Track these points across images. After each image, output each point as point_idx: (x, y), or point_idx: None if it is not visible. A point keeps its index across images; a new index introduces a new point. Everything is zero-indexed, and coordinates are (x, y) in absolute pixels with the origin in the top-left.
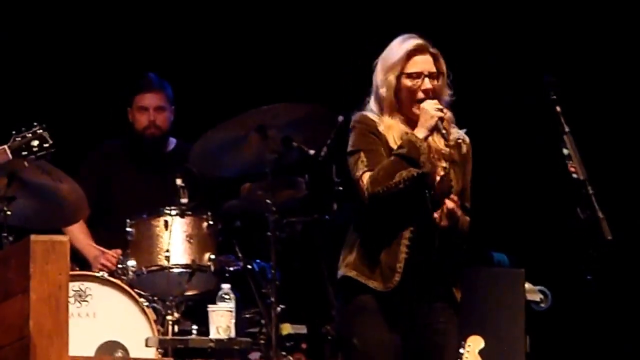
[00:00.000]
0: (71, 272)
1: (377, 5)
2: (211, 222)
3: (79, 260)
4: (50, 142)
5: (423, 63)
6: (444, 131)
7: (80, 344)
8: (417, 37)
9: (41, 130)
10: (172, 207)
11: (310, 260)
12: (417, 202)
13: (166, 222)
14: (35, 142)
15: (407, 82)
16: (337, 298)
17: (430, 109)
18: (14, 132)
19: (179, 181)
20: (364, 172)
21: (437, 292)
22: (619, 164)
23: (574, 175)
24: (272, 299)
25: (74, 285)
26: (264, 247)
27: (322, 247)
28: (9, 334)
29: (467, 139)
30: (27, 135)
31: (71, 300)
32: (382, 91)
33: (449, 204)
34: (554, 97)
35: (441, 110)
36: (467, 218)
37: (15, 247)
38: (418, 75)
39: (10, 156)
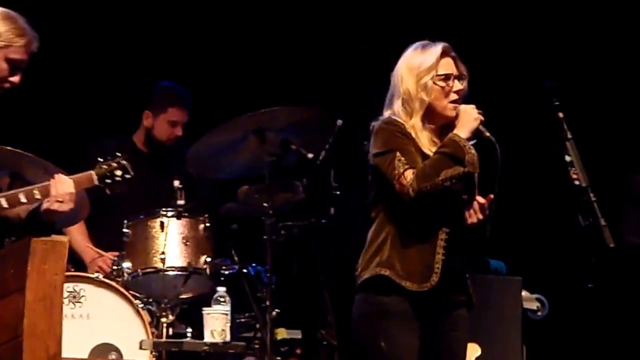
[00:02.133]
0: (66, 273)
1: (375, 6)
2: (208, 225)
3: (74, 261)
4: (132, 174)
5: (451, 65)
6: (487, 134)
7: (74, 346)
8: (441, 43)
9: (125, 162)
10: (169, 209)
11: (307, 265)
12: (454, 201)
13: (162, 223)
14: (119, 172)
15: (440, 84)
16: (358, 299)
17: (472, 111)
18: (100, 160)
19: (176, 182)
20: (405, 170)
21: (460, 297)
22: (621, 170)
23: (576, 182)
24: (267, 303)
25: (68, 287)
26: (260, 251)
27: (318, 251)
28: (3, 333)
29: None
30: (112, 164)
31: (65, 301)
32: (422, 95)
33: (480, 199)
34: (557, 103)
35: (481, 113)
36: None
37: (16, 245)
38: (448, 76)
39: (96, 182)
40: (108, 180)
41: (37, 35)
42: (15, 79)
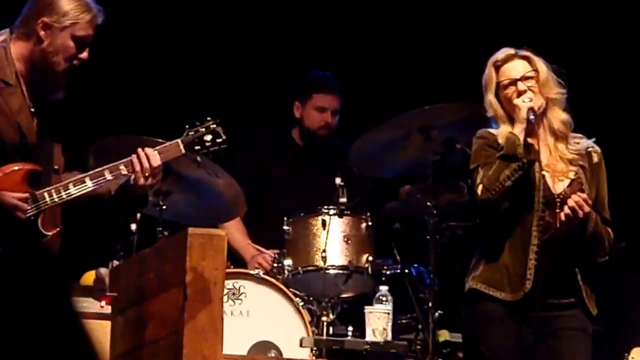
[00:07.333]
0: (226, 270)
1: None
2: (370, 223)
3: (233, 258)
4: (224, 137)
5: (513, 69)
6: (531, 117)
7: (233, 343)
8: (507, 49)
9: (214, 125)
10: (331, 207)
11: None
12: (542, 205)
13: (324, 221)
14: (209, 137)
15: (501, 93)
16: (464, 309)
17: (520, 102)
18: (187, 127)
19: (338, 180)
20: (478, 185)
21: (567, 299)
22: None
23: None
24: (430, 305)
25: (228, 283)
26: (423, 251)
27: None
28: (164, 328)
29: (598, 148)
30: (201, 129)
31: (225, 298)
32: (489, 113)
33: (574, 197)
34: None
35: (530, 100)
36: (608, 229)
37: (172, 239)
38: (512, 82)
39: (183, 150)
40: (197, 147)
41: (102, 8)
42: (84, 55)
